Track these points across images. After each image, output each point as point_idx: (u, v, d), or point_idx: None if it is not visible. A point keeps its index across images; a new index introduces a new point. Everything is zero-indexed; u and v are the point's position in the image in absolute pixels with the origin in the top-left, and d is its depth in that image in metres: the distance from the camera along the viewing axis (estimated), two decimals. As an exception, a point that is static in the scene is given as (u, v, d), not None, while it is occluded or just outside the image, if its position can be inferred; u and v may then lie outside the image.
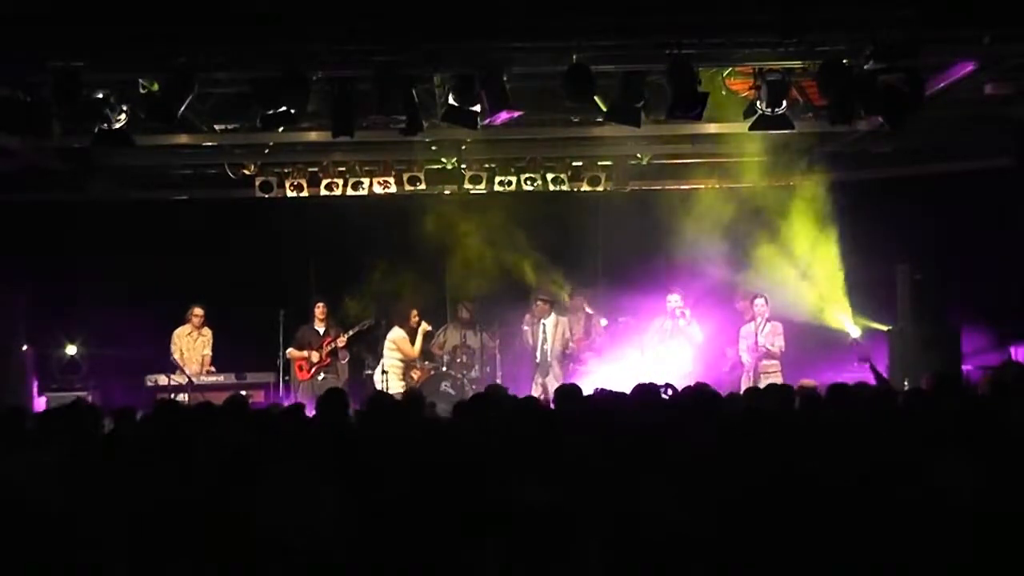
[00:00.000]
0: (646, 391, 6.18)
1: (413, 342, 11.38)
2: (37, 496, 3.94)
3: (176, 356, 11.38)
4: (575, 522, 3.50)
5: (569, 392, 6.73)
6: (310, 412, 6.15)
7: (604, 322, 11.74)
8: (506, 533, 3.43)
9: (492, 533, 3.46)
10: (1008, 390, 6.05)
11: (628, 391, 6.34)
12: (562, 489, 3.73)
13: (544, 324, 11.48)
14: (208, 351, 11.58)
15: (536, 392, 10.81)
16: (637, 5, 7.67)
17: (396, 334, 11.34)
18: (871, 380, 8.40)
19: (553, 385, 10.16)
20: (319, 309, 11.68)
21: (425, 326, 11.44)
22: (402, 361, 11.36)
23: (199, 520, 3.77)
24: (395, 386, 11.02)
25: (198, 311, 11.52)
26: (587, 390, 6.66)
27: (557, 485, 3.78)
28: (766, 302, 11.06)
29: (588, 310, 11.72)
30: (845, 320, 11.73)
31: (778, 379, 10.58)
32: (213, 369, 11.43)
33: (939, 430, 4.74)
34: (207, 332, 11.63)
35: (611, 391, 6.62)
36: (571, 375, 11.29)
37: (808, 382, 7.75)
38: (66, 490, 3.98)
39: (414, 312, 11.40)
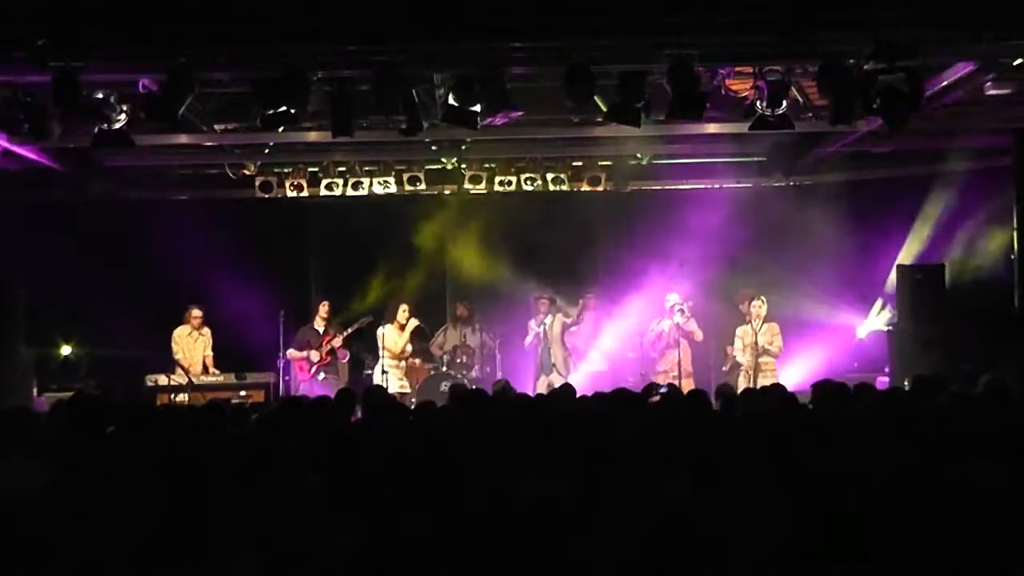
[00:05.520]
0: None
1: (400, 337, 11.33)
2: (35, 496, 3.94)
3: (179, 356, 11.41)
4: (578, 516, 3.51)
5: (568, 392, 6.77)
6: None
7: (602, 321, 11.76)
8: (508, 528, 3.43)
9: (494, 528, 3.47)
10: (1006, 392, 6.06)
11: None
12: (565, 484, 3.74)
13: (545, 323, 11.53)
14: (209, 351, 11.59)
15: (541, 391, 10.81)
16: (637, 5, 7.66)
17: (383, 330, 11.34)
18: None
19: (558, 383, 10.18)
20: (323, 308, 11.69)
21: (414, 321, 11.40)
22: (391, 357, 11.34)
23: (199, 520, 3.77)
24: (395, 385, 11.02)
25: (196, 312, 11.53)
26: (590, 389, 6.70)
27: (560, 480, 3.79)
28: (763, 303, 11.10)
29: (589, 309, 11.74)
30: (847, 320, 11.76)
31: (774, 378, 10.68)
32: (217, 371, 11.43)
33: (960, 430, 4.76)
34: (206, 332, 11.64)
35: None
36: (575, 373, 11.32)
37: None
38: (65, 489, 3.98)
39: (403, 308, 11.38)
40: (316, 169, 12.03)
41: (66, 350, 11.72)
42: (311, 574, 3.63)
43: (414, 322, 11.44)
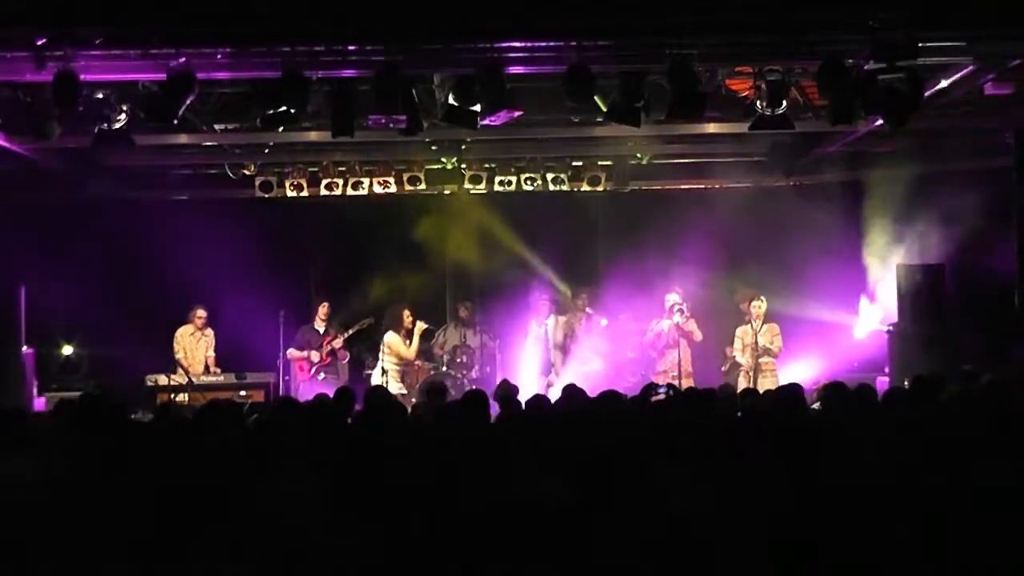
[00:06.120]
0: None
1: (409, 343, 11.35)
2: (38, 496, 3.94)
3: (180, 356, 11.41)
4: (588, 518, 3.51)
5: (575, 391, 6.77)
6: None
7: (604, 322, 11.76)
8: (509, 529, 3.43)
9: (494, 529, 3.46)
10: (1006, 392, 6.05)
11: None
12: (574, 485, 3.74)
13: (547, 324, 11.57)
14: (211, 352, 11.58)
15: (541, 391, 10.81)
16: (637, 5, 7.66)
17: (389, 337, 11.34)
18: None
19: (558, 384, 10.20)
20: (323, 309, 11.68)
21: (421, 324, 11.40)
22: (399, 363, 11.35)
23: (198, 519, 3.77)
24: (395, 387, 11.01)
25: (201, 312, 11.54)
26: (588, 390, 6.69)
27: (569, 482, 3.78)
28: (763, 303, 11.11)
29: (588, 310, 11.76)
30: (849, 319, 11.77)
31: (774, 378, 10.72)
32: (219, 370, 11.43)
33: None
34: (209, 333, 11.64)
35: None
36: (575, 373, 11.34)
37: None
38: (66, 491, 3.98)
39: (406, 313, 11.37)
40: (316, 169, 12.02)
41: (66, 350, 11.71)
42: (311, 574, 3.63)
43: (422, 325, 11.41)
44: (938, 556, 3.47)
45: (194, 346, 11.54)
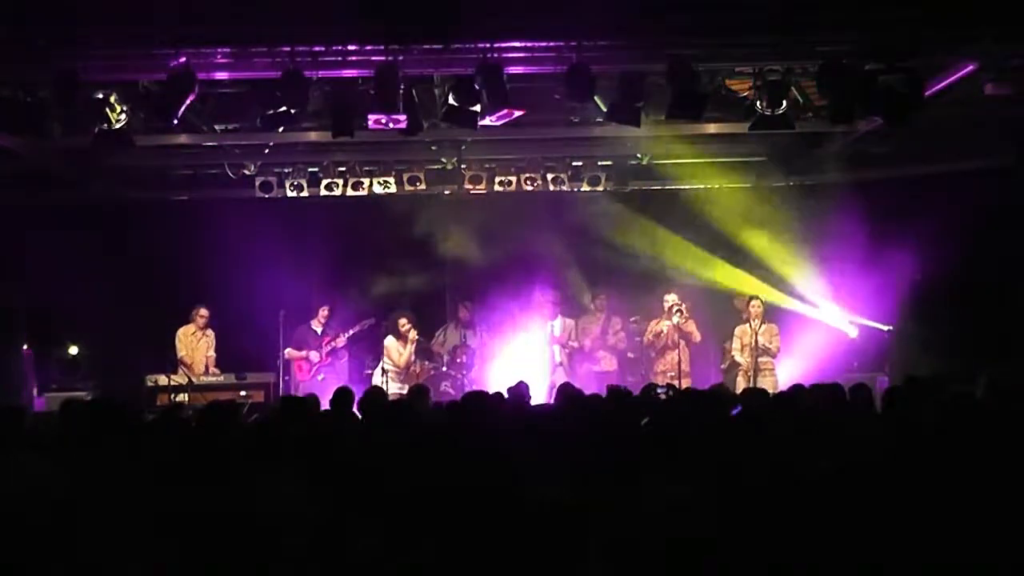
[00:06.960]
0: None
1: (402, 351, 11.35)
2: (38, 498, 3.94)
3: (183, 355, 11.42)
4: (583, 519, 3.51)
5: (570, 391, 6.77)
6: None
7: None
8: (514, 530, 3.43)
9: (499, 531, 3.47)
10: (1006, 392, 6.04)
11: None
12: (570, 487, 3.74)
13: (552, 324, 11.55)
14: (212, 352, 11.59)
15: (545, 392, 10.81)
16: (637, 5, 7.67)
17: (388, 341, 11.38)
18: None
19: (561, 383, 10.20)
20: (322, 311, 11.73)
21: (414, 335, 11.40)
22: (399, 370, 11.37)
23: (196, 519, 3.77)
24: (394, 387, 11.02)
25: (203, 312, 11.55)
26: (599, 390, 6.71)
27: (565, 483, 3.79)
28: (762, 303, 11.12)
29: (605, 311, 11.78)
30: (843, 320, 11.76)
31: (773, 378, 10.73)
32: (218, 371, 11.43)
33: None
34: (211, 333, 11.64)
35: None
36: (584, 374, 11.34)
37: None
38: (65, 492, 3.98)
39: (402, 321, 11.39)
40: (316, 169, 12.02)
41: (67, 350, 11.71)
42: (312, 574, 3.64)
43: (414, 336, 11.41)
44: (936, 555, 3.48)
45: (195, 346, 11.54)
